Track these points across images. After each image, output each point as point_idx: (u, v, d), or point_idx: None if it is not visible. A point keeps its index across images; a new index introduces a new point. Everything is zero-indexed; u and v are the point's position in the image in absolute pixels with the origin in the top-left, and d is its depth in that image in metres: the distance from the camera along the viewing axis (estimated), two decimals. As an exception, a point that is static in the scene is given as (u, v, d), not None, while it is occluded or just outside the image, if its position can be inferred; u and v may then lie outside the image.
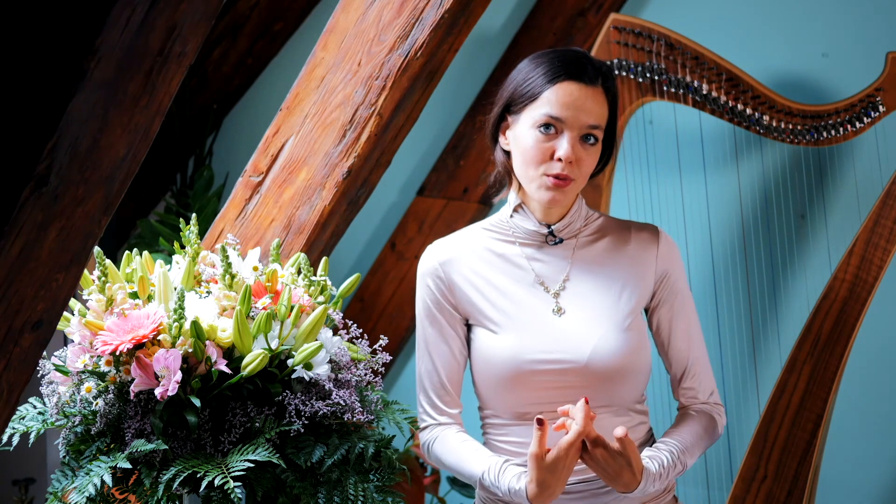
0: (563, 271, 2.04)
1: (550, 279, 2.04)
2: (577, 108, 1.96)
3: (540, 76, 1.99)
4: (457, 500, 3.44)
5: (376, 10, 2.34)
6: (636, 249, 2.07)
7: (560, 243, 2.06)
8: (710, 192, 3.13)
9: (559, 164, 1.96)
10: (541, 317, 2.01)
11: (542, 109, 1.97)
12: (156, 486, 1.79)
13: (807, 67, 3.18)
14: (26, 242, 1.32)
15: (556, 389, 1.98)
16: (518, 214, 2.07)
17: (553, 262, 2.05)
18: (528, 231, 2.06)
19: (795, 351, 2.85)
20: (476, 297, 2.04)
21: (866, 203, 2.97)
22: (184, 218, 2.12)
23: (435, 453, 2.06)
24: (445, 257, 2.07)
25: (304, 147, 2.35)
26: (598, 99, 1.98)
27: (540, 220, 2.05)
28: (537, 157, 1.98)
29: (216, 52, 3.90)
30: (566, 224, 2.05)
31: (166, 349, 1.81)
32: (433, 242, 2.11)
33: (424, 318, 2.07)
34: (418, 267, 2.09)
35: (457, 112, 3.65)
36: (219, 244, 2.09)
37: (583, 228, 2.07)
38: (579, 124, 1.96)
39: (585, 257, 2.06)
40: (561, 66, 1.98)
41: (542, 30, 3.53)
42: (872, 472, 3.15)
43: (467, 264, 2.06)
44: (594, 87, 1.98)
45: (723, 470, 3.07)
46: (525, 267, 2.05)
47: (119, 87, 1.32)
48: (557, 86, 1.97)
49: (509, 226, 2.08)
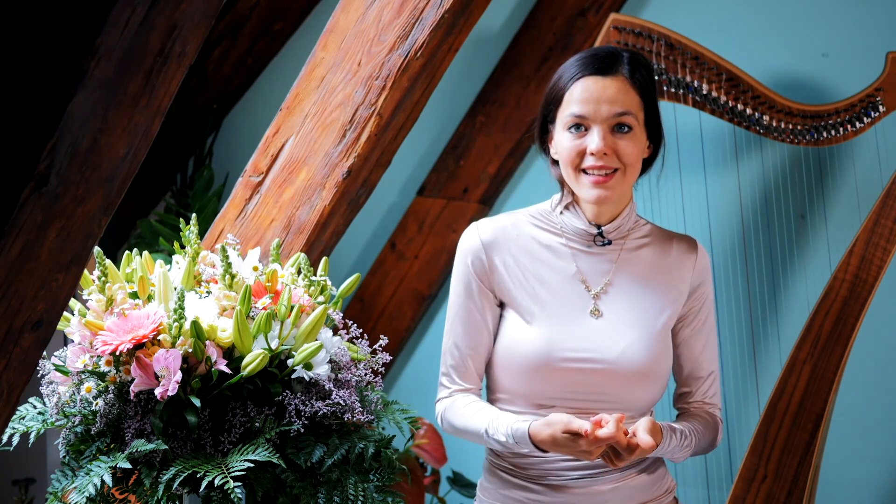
0: (607, 274, 2.05)
1: (593, 279, 2.04)
2: (598, 100, 1.97)
3: (561, 80, 2.02)
4: (457, 500, 3.44)
5: (376, 10, 2.34)
6: (676, 261, 2.08)
7: (608, 245, 2.06)
8: (710, 192, 3.13)
9: (592, 157, 1.97)
10: (577, 315, 2.02)
11: (567, 111, 1.99)
12: (156, 486, 1.79)
13: (807, 67, 3.18)
14: (26, 242, 1.32)
15: (578, 387, 1.99)
16: (569, 212, 2.07)
17: (598, 263, 2.05)
18: (578, 230, 2.06)
19: (795, 351, 2.85)
20: (514, 285, 2.04)
21: (866, 203, 2.97)
22: (184, 218, 2.12)
23: (447, 419, 2.07)
24: (489, 239, 2.06)
25: (304, 147, 2.35)
26: (621, 87, 1.99)
27: (590, 221, 2.05)
28: (572, 157, 1.99)
29: (216, 52, 3.90)
30: (616, 226, 2.05)
31: (166, 349, 1.81)
32: (479, 220, 2.09)
33: (459, 294, 2.07)
34: (460, 242, 2.08)
35: (457, 112, 3.65)
36: (219, 244, 2.09)
37: (631, 232, 2.08)
38: (603, 116, 1.97)
39: (630, 263, 2.06)
40: (579, 64, 2.01)
41: (542, 30, 3.52)
42: (872, 472, 3.15)
43: (509, 250, 2.05)
44: (614, 76, 1.99)
45: (723, 470, 3.07)
46: (569, 261, 2.05)
47: (119, 87, 1.32)
48: (575, 84, 1.99)
49: (558, 221, 2.07)
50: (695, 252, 2.10)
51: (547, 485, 2.02)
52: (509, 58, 3.57)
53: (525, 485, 2.03)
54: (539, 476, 2.02)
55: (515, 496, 2.04)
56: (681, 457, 2.04)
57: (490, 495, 2.09)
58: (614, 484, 2.02)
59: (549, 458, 2.00)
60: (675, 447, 2.00)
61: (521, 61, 3.55)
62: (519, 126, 3.55)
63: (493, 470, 2.08)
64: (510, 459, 2.05)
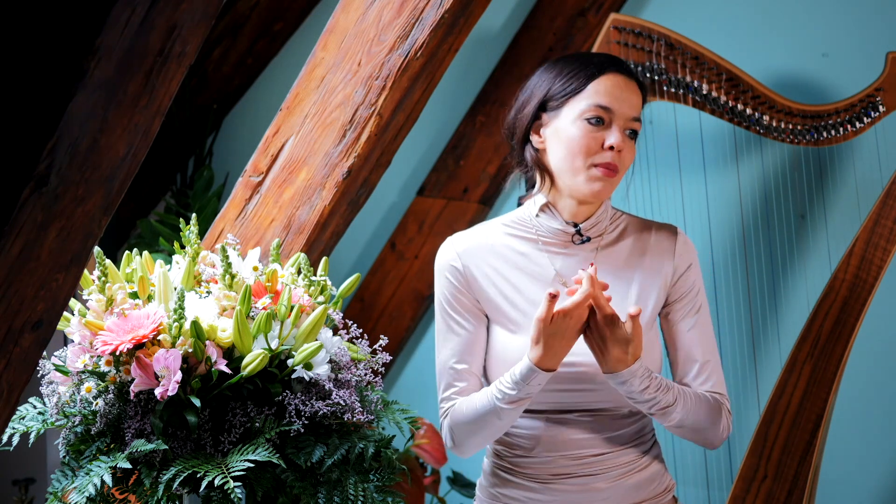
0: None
1: (572, 279, 2.02)
2: (624, 99, 1.99)
3: (582, 69, 2.01)
4: (457, 500, 3.44)
5: (376, 10, 2.34)
6: (655, 250, 2.07)
7: (586, 242, 2.05)
8: (710, 192, 3.13)
9: (610, 153, 1.97)
10: None
11: (589, 100, 1.98)
12: (156, 486, 1.79)
13: (807, 67, 3.18)
14: (26, 242, 1.32)
15: (568, 392, 1.99)
16: (545, 214, 2.05)
17: (576, 262, 2.04)
18: (554, 230, 2.04)
19: (795, 351, 2.85)
20: (494, 295, 2.03)
21: (866, 203, 2.97)
22: (184, 218, 2.12)
23: (455, 421, 2.02)
24: (464, 252, 2.05)
25: (304, 147, 2.35)
26: (638, 94, 2.02)
27: (567, 220, 2.04)
28: (587, 148, 1.97)
29: (216, 52, 3.90)
30: (594, 223, 2.05)
31: (166, 349, 1.81)
32: (452, 236, 2.09)
33: (443, 311, 2.06)
34: (436, 260, 2.07)
35: (457, 112, 3.65)
36: (219, 244, 2.09)
37: (608, 228, 2.07)
38: (625, 115, 1.99)
39: (609, 257, 2.05)
40: (605, 59, 2.03)
41: (542, 30, 3.53)
42: (872, 472, 3.15)
43: (486, 261, 2.04)
44: (633, 81, 2.02)
45: (723, 470, 3.07)
46: (546, 266, 2.04)
47: (119, 87, 1.32)
48: (605, 76, 1.99)
49: (533, 224, 2.06)
50: (674, 237, 2.08)
51: (546, 484, 2.02)
52: (509, 58, 3.57)
53: (525, 483, 2.03)
54: (538, 475, 2.02)
55: (515, 495, 2.04)
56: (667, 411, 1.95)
57: (490, 495, 2.09)
58: (612, 482, 2.02)
59: (549, 457, 2.00)
60: (655, 386, 1.93)
61: (521, 61, 3.55)
62: (519, 126, 3.55)
63: (493, 470, 2.08)
64: (510, 459, 2.05)
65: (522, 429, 2.03)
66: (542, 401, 1.99)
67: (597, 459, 2.01)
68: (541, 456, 2.01)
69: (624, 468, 2.03)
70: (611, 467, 2.02)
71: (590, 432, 2.01)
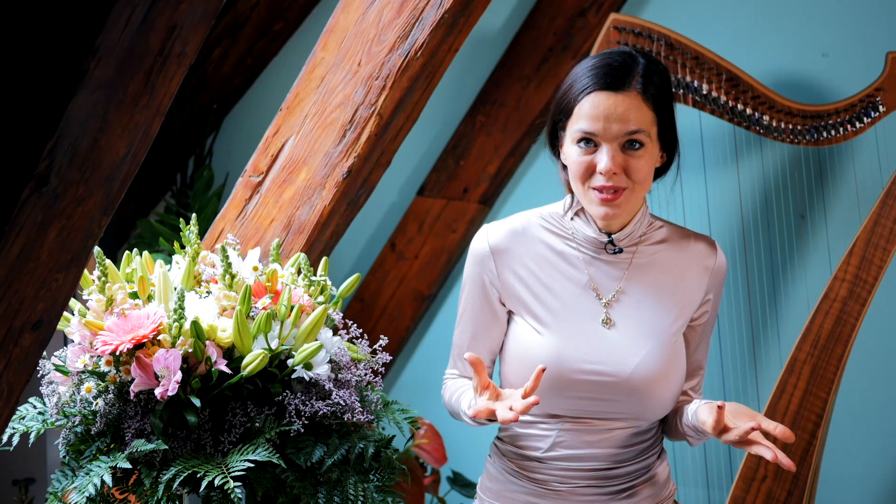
0: (618, 281, 2.00)
1: (604, 287, 1.99)
2: (608, 118, 1.89)
3: (572, 91, 1.94)
4: (457, 500, 3.44)
5: (376, 10, 2.34)
6: (693, 263, 2.03)
7: (619, 252, 2.01)
8: (710, 192, 3.13)
9: (601, 176, 1.91)
10: (589, 325, 1.97)
11: (576, 125, 1.92)
12: (156, 486, 1.79)
13: (807, 67, 3.18)
14: (26, 242, 1.32)
15: (589, 400, 1.96)
16: (579, 219, 2.01)
17: (610, 271, 2.00)
18: (588, 237, 2.00)
19: (795, 351, 2.85)
20: (524, 292, 2.00)
21: (866, 203, 2.97)
22: (184, 218, 2.12)
23: (444, 396, 2.11)
24: (499, 246, 2.02)
25: (304, 147, 2.35)
26: (632, 103, 1.89)
27: (600, 229, 2.00)
28: (581, 173, 1.93)
29: (216, 52, 3.90)
30: (627, 233, 2.00)
31: (166, 349, 1.81)
32: (489, 224, 2.06)
33: (469, 291, 2.06)
34: (471, 244, 2.05)
35: (457, 112, 3.65)
36: (219, 244, 2.09)
37: (644, 236, 2.03)
38: (613, 134, 1.89)
39: (643, 269, 2.01)
40: (591, 76, 1.92)
41: (542, 30, 3.53)
42: (872, 472, 3.15)
43: (520, 258, 2.02)
44: (626, 91, 1.90)
45: (723, 470, 3.07)
46: (580, 268, 2.01)
47: (119, 87, 1.32)
48: (585, 99, 1.91)
49: (570, 227, 2.02)
50: (713, 256, 2.04)
51: (550, 489, 2.00)
52: (509, 58, 3.57)
53: (531, 488, 2.02)
54: (547, 482, 2.01)
55: (516, 498, 2.03)
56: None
57: (490, 495, 2.08)
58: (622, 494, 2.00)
59: (560, 465, 1.99)
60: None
61: (521, 61, 3.55)
62: (519, 126, 3.55)
63: (498, 470, 2.07)
64: (518, 462, 2.03)
65: (537, 431, 2.00)
66: (561, 406, 1.97)
67: (609, 473, 1.99)
68: (552, 463, 1.99)
69: (634, 479, 2.02)
70: (622, 479, 2.00)
71: (606, 446, 1.98)
